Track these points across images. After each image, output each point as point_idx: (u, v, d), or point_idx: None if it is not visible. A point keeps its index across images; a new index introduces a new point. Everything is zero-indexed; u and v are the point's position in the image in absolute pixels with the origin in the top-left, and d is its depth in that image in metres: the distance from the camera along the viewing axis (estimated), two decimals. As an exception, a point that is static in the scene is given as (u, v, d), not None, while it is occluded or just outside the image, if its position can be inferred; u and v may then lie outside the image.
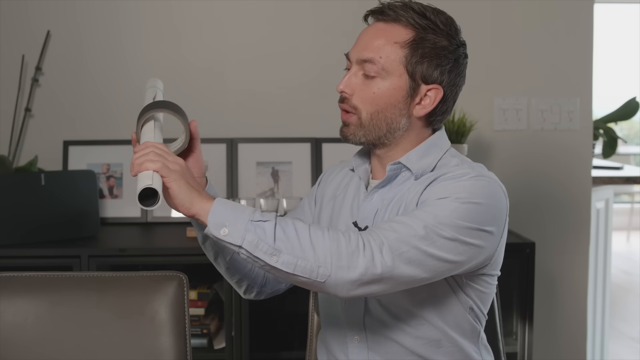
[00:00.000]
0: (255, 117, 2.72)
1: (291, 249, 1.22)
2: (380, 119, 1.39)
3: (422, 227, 1.26)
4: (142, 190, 1.20)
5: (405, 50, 1.37)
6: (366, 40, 1.40)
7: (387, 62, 1.37)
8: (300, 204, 1.62)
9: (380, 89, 1.38)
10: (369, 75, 1.38)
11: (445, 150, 1.44)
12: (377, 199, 1.44)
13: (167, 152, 1.26)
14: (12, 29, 2.67)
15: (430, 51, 1.37)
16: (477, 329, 1.45)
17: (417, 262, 1.26)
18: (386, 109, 1.39)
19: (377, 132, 1.40)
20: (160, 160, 1.23)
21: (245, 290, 1.54)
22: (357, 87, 1.39)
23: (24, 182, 2.31)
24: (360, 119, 1.40)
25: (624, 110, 3.36)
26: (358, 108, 1.40)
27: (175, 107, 1.33)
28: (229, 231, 1.22)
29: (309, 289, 1.28)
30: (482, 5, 2.72)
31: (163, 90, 1.43)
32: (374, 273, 1.23)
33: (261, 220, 1.22)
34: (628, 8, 7.18)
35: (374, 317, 1.42)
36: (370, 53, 1.38)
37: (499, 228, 1.36)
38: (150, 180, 1.20)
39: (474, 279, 1.40)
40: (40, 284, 1.41)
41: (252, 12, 2.70)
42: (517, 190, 2.74)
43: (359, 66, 1.40)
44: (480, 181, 1.34)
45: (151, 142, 1.26)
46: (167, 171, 1.22)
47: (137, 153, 1.24)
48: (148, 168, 1.22)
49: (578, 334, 2.83)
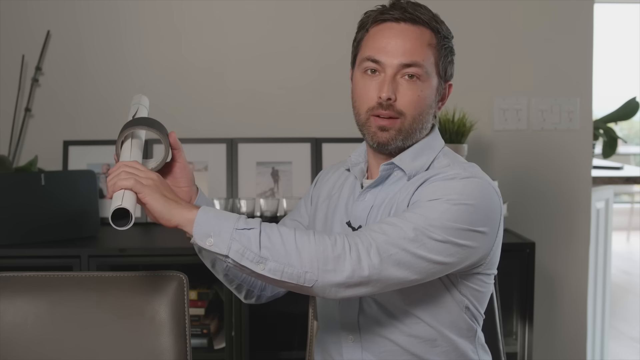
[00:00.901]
0: (255, 117, 2.72)
1: (277, 256, 1.22)
2: (420, 122, 1.41)
3: (412, 230, 1.27)
4: (114, 211, 1.19)
5: (436, 52, 1.40)
6: (402, 44, 1.38)
7: (429, 64, 1.39)
8: (297, 205, 1.63)
9: (423, 92, 1.39)
10: (413, 79, 1.38)
11: (438, 151, 1.45)
12: (369, 198, 1.44)
13: (139, 168, 1.25)
14: (12, 29, 2.66)
15: (446, 50, 1.42)
16: (474, 328, 1.45)
17: (406, 264, 1.26)
18: (426, 111, 1.41)
19: (412, 135, 1.41)
20: (132, 177, 1.22)
21: (246, 295, 1.55)
22: (401, 92, 1.38)
23: (24, 182, 2.30)
24: (403, 124, 1.39)
25: (624, 110, 3.36)
26: (404, 113, 1.39)
27: (151, 122, 1.32)
28: (214, 241, 1.22)
29: (298, 292, 1.28)
30: (482, 5, 2.72)
31: (148, 106, 1.43)
32: (361, 275, 1.23)
33: (246, 229, 1.22)
34: (628, 8, 7.18)
35: (368, 316, 1.42)
36: (414, 56, 1.38)
37: (492, 228, 1.36)
38: (120, 201, 1.19)
39: (469, 278, 1.40)
40: (40, 284, 1.41)
41: (252, 12, 2.70)
42: (517, 190, 2.74)
43: (397, 70, 1.38)
44: (471, 182, 1.34)
45: (122, 162, 1.26)
46: (140, 187, 1.22)
47: (110, 175, 1.24)
48: (122, 186, 1.22)
49: (578, 334, 2.83)
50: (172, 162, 1.37)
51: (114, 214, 1.20)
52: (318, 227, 1.52)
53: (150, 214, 1.24)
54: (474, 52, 2.70)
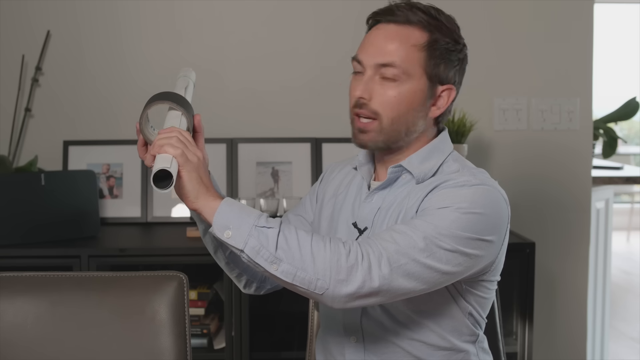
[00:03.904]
0: (255, 117, 2.72)
1: (292, 259, 1.22)
2: (401, 123, 1.38)
3: (422, 239, 1.26)
4: (157, 171, 1.20)
5: (423, 52, 1.36)
6: (381, 44, 1.37)
7: (408, 65, 1.36)
8: (302, 201, 1.62)
9: (401, 93, 1.36)
10: (389, 79, 1.36)
11: (447, 154, 1.43)
12: (377, 200, 1.43)
13: (190, 141, 1.26)
14: (12, 29, 2.67)
15: (443, 52, 1.38)
16: (476, 332, 1.45)
17: (415, 274, 1.26)
18: (407, 112, 1.38)
19: (396, 137, 1.39)
20: (181, 147, 1.23)
21: (245, 284, 1.54)
22: (376, 92, 1.37)
23: (24, 182, 2.31)
24: (381, 125, 1.38)
25: (624, 110, 3.36)
26: (379, 113, 1.37)
27: (180, 99, 1.32)
28: (232, 234, 1.22)
29: (307, 297, 1.28)
30: (482, 5, 2.72)
31: (195, 81, 1.43)
32: (371, 286, 1.23)
33: (265, 227, 1.23)
34: (628, 8, 7.18)
35: (371, 318, 1.42)
36: (389, 57, 1.36)
37: (499, 236, 1.36)
38: (169, 164, 1.20)
39: (474, 285, 1.40)
40: (40, 284, 1.41)
41: (253, 12, 2.70)
42: (517, 191, 2.74)
43: (375, 70, 1.37)
44: (481, 189, 1.33)
45: (177, 128, 1.26)
46: (184, 160, 1.23)
47: (161, 134, 1.24)
48: (167, 152, 1.22)
49: (578, 334, 2.83)
50: None
51: (157, 174, 1.20)
52: (323, 226, 1.52)
53: (178, 188, 1.25)
54: (474, 52, 2.68)
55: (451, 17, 1.42)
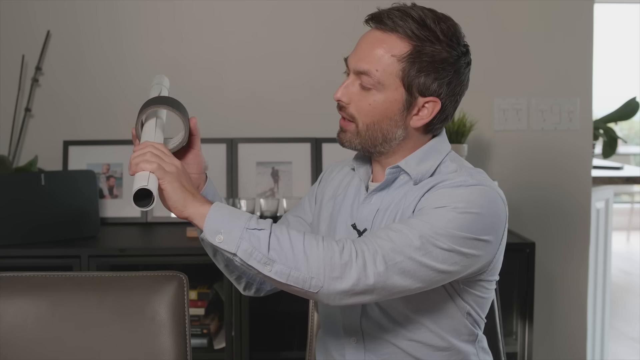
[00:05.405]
0: (255, 117, 2.72)
1: (285, 259, 1.22)
2: (376, 130, 1.38)
3: (418, 237, 1.26)
4: (137, 190, 1.20)
5: (403, 63, 1.34)
6: (364, 50, 1.37)
7: (383, 75, 1.35)
8: (301, 202, 1.62)
9: (376, 102, 1.36)
10: (365, 87, 1.36)
11: (445, 155, 1.43)
12: (375, 201, 1.43)
13: (165, 152, 1.25)
14: (12, 29, 2.67)
15: (428, 64, 1.34)
16: (475, 332, 1.45)
17: (411, 272, 1.26)
18: (382, 120, 1.37)
19: (373, 141, 1.39)
20: (157, 161, 1.23)
21: (245, 287, 1.54)
22: (354, 97, 1.38)
23: (24, 182, 2.31)
24: (357, 128, 1.39)
25: (624, 110, 3.36)
26: (355, 118, 1.38)
27: (175, 103, 1.32)
28: (224, 238, 1.22)
29: (302, 297, 1.28)
30: (482, 5, 2.72)
31: (169, 87, 1.43)
32: (366, 284, 1.23)
33: (256, 229, 1.22)
34: (628, 8, 7.18)
35: (371, 319, 1.42)
36: (366, 65, 1.35)
37: (497, 236, 1.35)
38: (146, 182, 1.20)
39: (472, 285, 1.40)
40: (40, 284, 1.41)
41: (253, 12, 2.70)
42: (517, 191, 2.74)
43: (356, 76, 1.38)
44: (478, 189, 1.33)
45: (150, 142, 1.26)
46: (162, 172, 1.23)
47: (135, 152, 1.24)
48: (144, 169, 1.22)
49: (578, 334, 2.83)
50: (187, 148, 1.37)
51: (137, 193, 1.20)
52: (322, 227, 1.52)
53: (164, 200, 1.25)
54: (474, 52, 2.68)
55: (453, 26, 1.37)
